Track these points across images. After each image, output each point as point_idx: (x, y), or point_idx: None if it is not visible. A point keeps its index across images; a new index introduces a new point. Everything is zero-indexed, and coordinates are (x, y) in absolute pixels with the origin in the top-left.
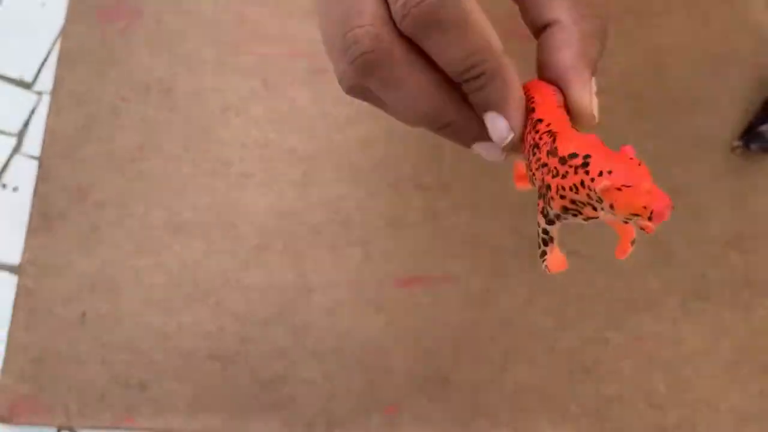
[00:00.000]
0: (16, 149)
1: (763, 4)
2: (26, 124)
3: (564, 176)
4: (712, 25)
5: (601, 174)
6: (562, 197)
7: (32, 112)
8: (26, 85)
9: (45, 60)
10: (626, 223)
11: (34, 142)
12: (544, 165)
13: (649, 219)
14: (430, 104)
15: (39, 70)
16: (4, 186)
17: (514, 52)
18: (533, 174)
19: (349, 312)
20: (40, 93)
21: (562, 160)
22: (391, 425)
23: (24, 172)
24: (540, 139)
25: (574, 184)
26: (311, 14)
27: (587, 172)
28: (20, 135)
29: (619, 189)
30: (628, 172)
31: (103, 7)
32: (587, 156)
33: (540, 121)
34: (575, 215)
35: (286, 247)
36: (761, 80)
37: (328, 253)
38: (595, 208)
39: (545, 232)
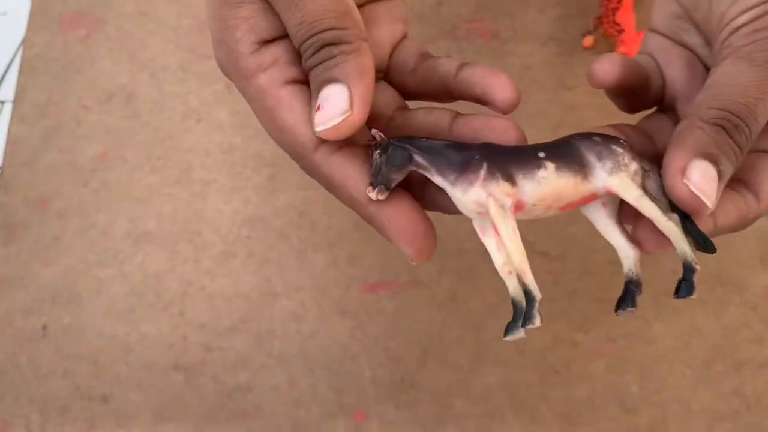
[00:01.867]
0: None
1: None
2: None
3: None
4: None
5: None
6: None
7: None
8: None
9: (7, 69)
10: None
11: None
12: None
13: None
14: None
15: (1, 80)
16: None
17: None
18: None
19: (315, 317)
20: (2, 102)
21: None
22: None
23: None
24: None
25: None
26: None
27: None
28: None
29: None
30: None
31: (65, 16)
32: None
33: None
34: None
35: (251, 254)
36: None
37: (293, 259)
38: None
39: None
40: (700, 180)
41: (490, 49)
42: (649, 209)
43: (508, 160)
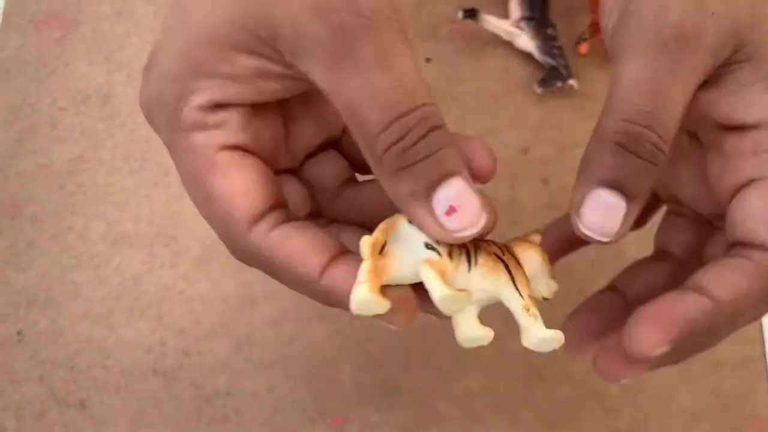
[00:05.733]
0: None
1: None
2: None
3: None
4: None
5: None
6: None
7: None
8: None
9: None
10: None
11: None
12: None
13: None
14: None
15: None
16: None
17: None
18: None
19: (294, 322)
20: None
21: None
22: None
23: None
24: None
25: None
26: None
27: None
28: None
29: None
30: None
31: (39, 17)
32: None
33: None
34: None
35: (230, 257)
36: None
37: None
38: None
39: None
40: (591, 217)
41: (470, 51)
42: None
43: None
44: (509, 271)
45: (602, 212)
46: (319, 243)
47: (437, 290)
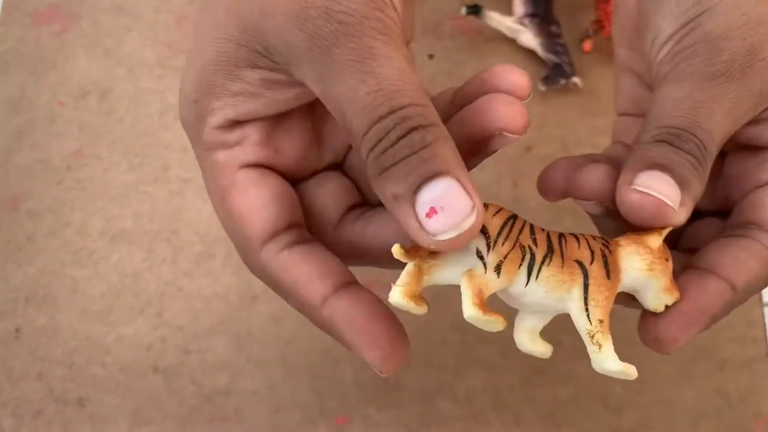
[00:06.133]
0: None
1: None
2: None
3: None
4: None
5: None
6: None
7: None
8: None
9: None
10: None
11: None
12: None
13: None
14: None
15: None
16: None
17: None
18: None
19: (295, 319)
20: None
21: None
22: None
23: None
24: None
25: None
26: None
27: None
28: None
29: None
30: None
31: (39, 10)
32: None
33: None
34: None
35: (230, 254)
36: None
37: None
38: None
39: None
40: (649, 182)
41: (473, 47)
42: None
43: None
44: (586, 285)
45: (661, 181)
46: (325, 270)
47: (465, 311)
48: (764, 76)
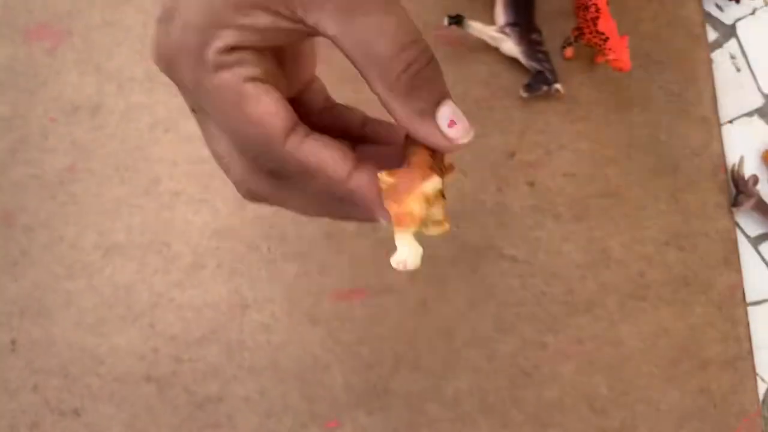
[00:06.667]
0: None
1: (692, 1)
2: None
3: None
4: (644, 25)
5: None
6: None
7: None
8: None
9: None
10: None
11: None
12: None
13: None
14: (319, 211)
15: None
16: None
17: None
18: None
19: (285, 327)
20: None
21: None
22: None
23: None
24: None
25: None
26: None
27: None
28: None
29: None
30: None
31: (30, 27)
32: None
33: None
34: None
35: (221, 265)
36: (694, 77)
37: (263, 269)
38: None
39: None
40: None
41: (456, 57)
42: None
43: None
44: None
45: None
46: (344, 152)
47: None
48: None
